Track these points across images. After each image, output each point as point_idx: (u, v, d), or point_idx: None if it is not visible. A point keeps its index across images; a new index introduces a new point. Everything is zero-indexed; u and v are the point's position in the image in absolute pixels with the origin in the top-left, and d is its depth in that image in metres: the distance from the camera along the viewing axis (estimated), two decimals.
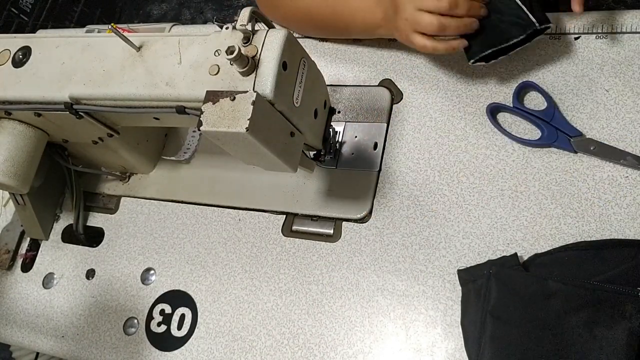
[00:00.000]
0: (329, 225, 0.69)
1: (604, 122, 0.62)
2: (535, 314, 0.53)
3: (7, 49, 0.65)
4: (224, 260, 0.72)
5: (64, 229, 0.83)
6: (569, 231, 0.59)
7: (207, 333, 0.68)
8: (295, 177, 0.72)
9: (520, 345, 0.52)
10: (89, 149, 0.76)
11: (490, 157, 0.65)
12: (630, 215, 0.58)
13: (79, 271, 0.78)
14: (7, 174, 0.66)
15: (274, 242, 0.70)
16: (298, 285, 0.67)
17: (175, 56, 0.57)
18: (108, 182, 0.84)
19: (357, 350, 0.62)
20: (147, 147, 0.80)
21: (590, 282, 0.53)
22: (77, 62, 0.62)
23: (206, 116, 0.51)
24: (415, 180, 0.67)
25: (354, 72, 0.76)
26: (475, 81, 0.69)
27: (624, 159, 0.59)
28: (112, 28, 0.57)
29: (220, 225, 0.74)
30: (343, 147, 0.72)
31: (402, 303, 0.62)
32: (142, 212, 0.79)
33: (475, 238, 0.62)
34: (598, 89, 0.64)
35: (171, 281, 0.73)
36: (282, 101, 0.53)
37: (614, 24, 0.66)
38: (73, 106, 0.62)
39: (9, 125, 0.68)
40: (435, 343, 0.59)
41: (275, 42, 0.53)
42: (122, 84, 0.59)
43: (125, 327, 0.72)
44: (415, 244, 0.64)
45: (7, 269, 0.82)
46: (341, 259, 0.66)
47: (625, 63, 0.64)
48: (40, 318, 0.77)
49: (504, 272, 0.56)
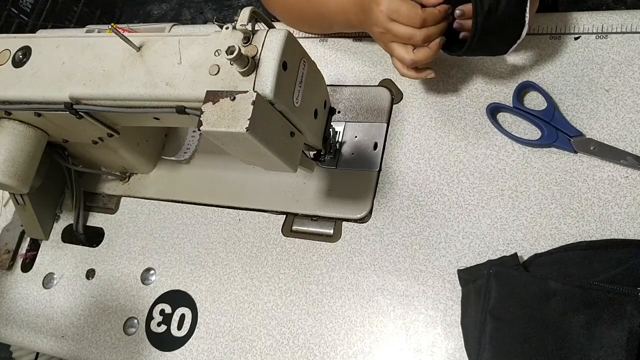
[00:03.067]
0: (329, 225, 0.69)
1: (604, 122, 0.62)
2: (535, 314, 0.53)
3: (7, 49, 0.65)
4: (224, 260, 0.72)
5: (64, 229, 0.83)
6: (569, 231, 0.59)
7: (207, 333, 0.68)
8: (295, 177, 0.72)
9: (520, 345, 0.52)
10: (89, 149, 0.76)
11: (490, 157, 0.65)
12: (630, 215, 0.58)
13: (79, 271, 0.78)
14: (7, 174, 0.66)
15: (274, 242, 0.70)
16: (298, 285, 0.67)
17: (175, 56, 0.57)
18: (108, 182, 0.84)
19: (357, 350, 0.62)
20: (147, 147, 0.80)
21: (590, 282, 0.53)
22: (77, 62, 0.62)
23: (206, 116, 0.51)
24: (415, 180, 0.67)
25: (354, 72, 0.76)
26: (475, 81, 0.69)
27: (624, 159, 0.59)
28: (112, 28, 0.57)
29: (220, 225, 0.74)
30: (343, 147, 0.72)
31: (402, 303, 0.62)
32: (142, 212, 0.79)
33: (475, 238, 0.62)
34: (598, 89, 0.64)
35: (171, 281, 0.73)
36: (282, 101, 0.53)
37: (614, 24, 0.66)
38: (73, 106, 0.62)
39: (9, 125, 0.68)
40: (435, 343, 0.59)
41: (275, 42, 0.53)
42: (122, 84, 0.59)
43: (125, 327, 0.72)
44: (415, 244, 0.64)
45: (7, 269, 0.82)
46: (341, 259, 0.66)
47: (625, 63, 0.64)
48: (40, 318, 0.77)
49: (504, 272, 0.56)
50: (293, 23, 0.80)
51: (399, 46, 0.61)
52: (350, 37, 0.78)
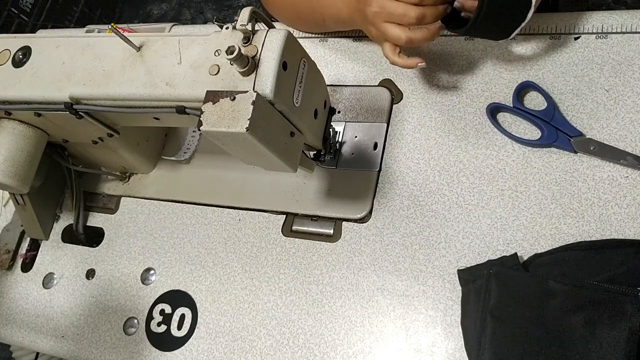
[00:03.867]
0: (329, 225, 0.69)
1: (604, 122, 0.62)
2: (535, 314, 0.53)
3: (7, 49, 0.65)
4: (224, 260, 0.72)
5: (64, 229, 0.83)
6: (569, 231, 0.59)
7: (207, 333, 0.68)
8: (295, 177, 0.72)
9: (520, 345, 0.52)
10: (89, 149, 0.76)
11: (490, 157, 0.65)
12: (630, 215, 0.58)
13: (79, 271, 0.78)
14: (7, 174, 0.66)
15: (274, 242, 0.70)
16: (298, 285, 0.67)
17: (175, 56, 0.57)
18: (108, 182, 0.84)
19: (357, 350, 0.62)
20: (147, 147, 0.80)
21: (590, 282, 0.53)
22: (77, 62, 0.62)
23: (206, 116, 0.51)
24: (415, 180, 0.67)
25: (354, 72, 0.76)
26: (475, 81, 0.69)
27: (624, 159, 0.59)
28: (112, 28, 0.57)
29: (220, 225, 0.74)
30: (343, 147, 0.72)
31: (402, 303, 0.62)
32: (142, 212, 0.79)
33: (475, 238, 0.62)
34: (598, 89, 0.64)
35: (171, 281, 0.73)
36: (282, 101, 0.53)
37: (614, 24, 0.66)
38: (73, 106, 0.62)
39: (9, 125, 0.68)
40: (435, 343, 0.59)
41: (275, 42, 0.53)
42: (122, 84, 0.59)
43: (125, 327, 0.72)
44: (415, 244, 0.64)
45: (7, 269, 0.82)
46: (341, 259, 0.66)
47: (625, 63, 0.64)
48: (40, 318, 0.77)
49: (504, 272, 0.56)
50: (289, 21, 0.80)
51: (394, 26, 0.59)
52: (350, 37, 0.78)
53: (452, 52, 0.72)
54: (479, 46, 0.71)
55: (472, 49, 0.71)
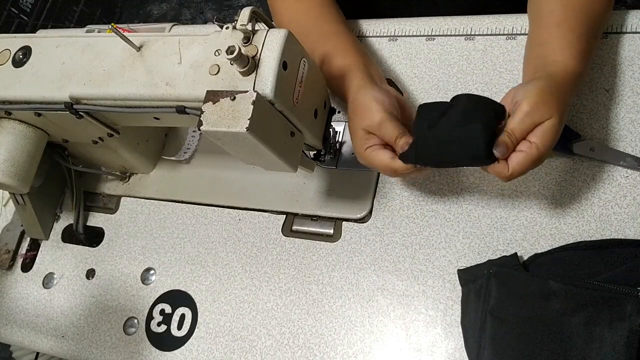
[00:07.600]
0: (329, 225, 0.69)
1: (603, 122, 0.62)
2: (535, 314, 0.53)
3: (7, 49, 0.65)
4: (224, 260, 0.72)
5: (64, 229, 0.83)
6: (569, 231, 0.59)
7: (207, 333, 0.68)
8: (295, 177, 0.72)
9: (520, 345, 0.52)
10: (89, 149, 0.76)
11: None
12: (630, 215, 0.58)
13: (79, 271, 0.78)
14: (7, 174, 0.66)
15: (274, 242, 0.70)
16: (298, 285, 0.67)
17: (175, 56, 0.57)
18: (108, 182, 0.84)
19: (357, 350, 0.62)
20: (147, 147, 0.80)
21: (590, 282, 0.53)
22: (77, 62, 0.62)
23: (206, 116, 0.51)
24: (415, 180, 0.67)
25: None
26: (475, 81, 0.69)
27: (624, 160, 0.59)
28: (112, 28, 0.57)
29: (220, 225, 0.74)
30: (343, 147, 0.72)
31: (402, 303, 0.62)
32: (142, 212, 0.79)
33: (475, 238, 0.62)
34: (598, 89, 0.64)
35: (171, 281, 0.73)
36: (282, 101, 0.53)
37: (614, 24, 0.66)
38: (73, 106, 0.62)
39: (9, 125, 0.68)
40: (435, 343, 0.59)
41: (275, 42, 0.53)
42: (122, 83, 0.59)
43: (125, 327, 0.72)
44: (415, 243, 0.64)
45: (7, 269, 0.82)
46: (341, 259, 0.66)
47: (625, 63, 0.64)
48: (40, 318, 0.77)
49: (504, 272, 0.56)
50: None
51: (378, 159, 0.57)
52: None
53: (452, 52, 0.72)
54: (479, 46, 0.71)
55: (472, 49, 0.71)
